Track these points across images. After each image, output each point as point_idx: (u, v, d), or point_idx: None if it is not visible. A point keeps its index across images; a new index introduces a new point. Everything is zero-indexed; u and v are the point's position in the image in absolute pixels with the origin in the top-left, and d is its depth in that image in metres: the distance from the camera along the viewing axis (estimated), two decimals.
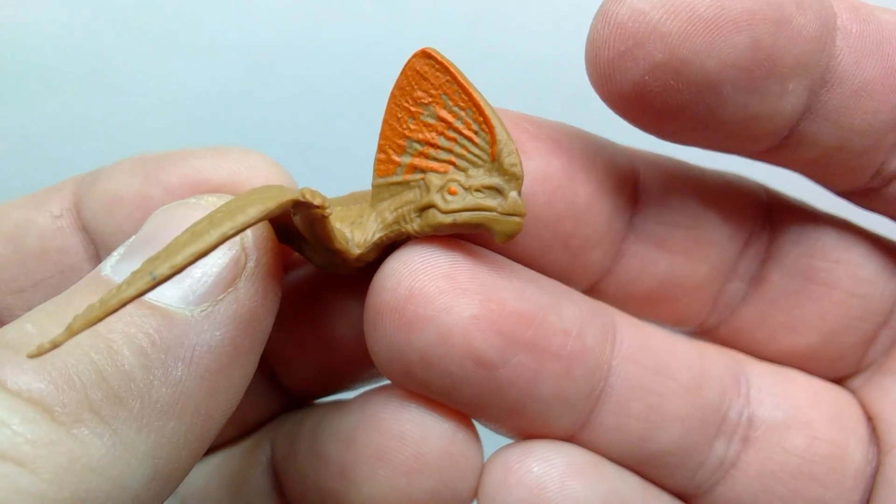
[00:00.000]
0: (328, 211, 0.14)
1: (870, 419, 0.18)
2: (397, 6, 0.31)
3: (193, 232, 0.12)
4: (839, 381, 0.19)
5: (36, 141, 0.31)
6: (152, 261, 0.12)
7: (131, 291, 0.11)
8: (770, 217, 0.18)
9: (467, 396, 0.15)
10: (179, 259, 0.11)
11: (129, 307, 0.13)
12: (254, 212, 0.12)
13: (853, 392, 0.19)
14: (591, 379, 0.16)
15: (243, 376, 0.14)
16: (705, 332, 0.19)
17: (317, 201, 0.14)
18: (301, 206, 0.14)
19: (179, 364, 0.13)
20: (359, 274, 0.17)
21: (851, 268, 0.18)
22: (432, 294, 0.15)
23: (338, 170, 0.18)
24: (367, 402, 0.17)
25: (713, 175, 0.18)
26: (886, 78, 0.15)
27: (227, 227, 0.12)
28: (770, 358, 0.19)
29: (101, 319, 0.11)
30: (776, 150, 0.16)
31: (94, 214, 0.17)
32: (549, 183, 0.16)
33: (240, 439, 0.20)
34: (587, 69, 0.15)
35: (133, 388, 0.13)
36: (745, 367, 0.18)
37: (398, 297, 0.15)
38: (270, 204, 0.13)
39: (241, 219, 0.12)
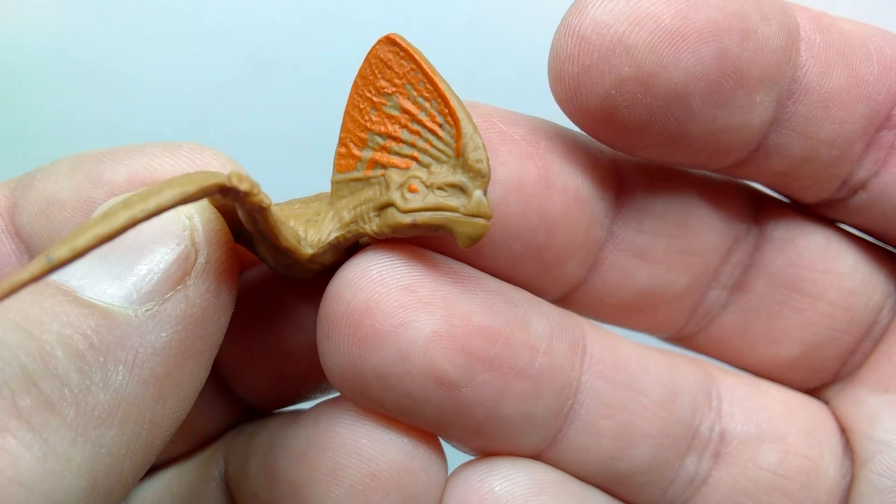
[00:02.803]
0: (259, 197, 0.13)
1: (843, 431, 0.18)
2: (398, 8, 0.31)
3: (105, 214, 0.11)
4: (812, 391, 0.18)
5: (36, 141, 0.31)
6: (57, 244, 0.11)
7: (24, 275, 0.10)
8: (756, 220, 0.18)
9: (428, 417, 0.15)
10: (81, 242, 0.10)
11: (66, 305, 0.12)
12: (170, 195, 0.11)
13: (826, 402, 0.18)
14: (559, 397, 0.15)
15: (193, 381, 0.13)
16: (681, 340, 0.18)
17: (244, 186, 0.12)
18: (230, 193, 0.13)
19: (120, 368, 0.12)
20: (317, 278, 0.15)
21: (838, 278, 0.17)
22: (391, 307, 0.14)
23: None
24: (321, 416, 0.16)
25: (698, 176, 0.17)
26: (852, 87, 0.15)
27: (137, 210, 0.11)
28: (747, 368, 0.18)
29: None
30: (744, 164, 0.16)
31: (31, 219, 0.15)
32: (522, 192, 0.15)
33: (192, 454, 0.19)
34: (551, 85, 0.14)
35: (67, 394, 0.12)
36: (716, 380, 0.17)
37: (353, 310, 0.14)
38: (190, 188, 0.11)
39: (154, 202, 0.11)
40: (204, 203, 0.14)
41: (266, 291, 0.17)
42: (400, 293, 0.14)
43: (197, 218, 0.14)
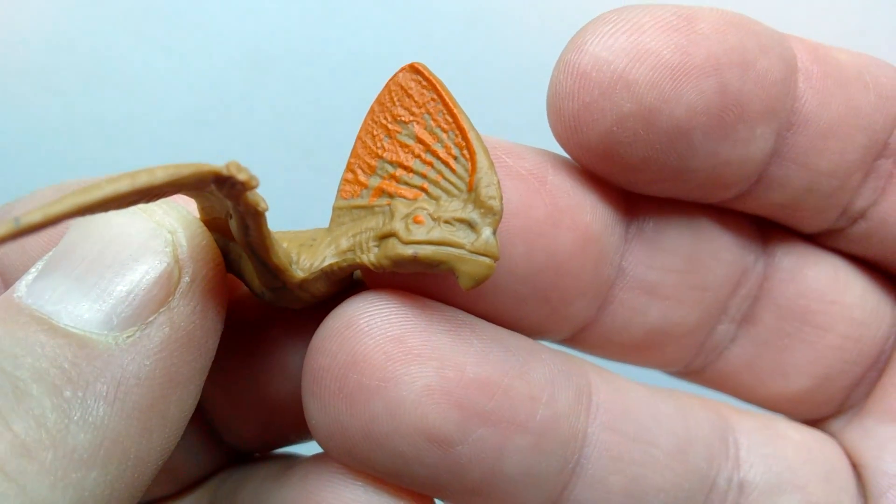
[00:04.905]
0: (256, 197, 0.12)
1: (854, 467, 0.17)
2: (397, 8, 0.30)
3: (86, 188, 0.10)
4: (817, 422, 0.18)
5: (36, 141, 0.31)
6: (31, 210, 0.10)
7: None
8: (764, 249, 0.17)
9: (421, 478, 0.14)
10: (56, 208, 0.10)
11: (40, 336, 0.11)
12: (162, 174, 0.10)
13: (833, 435, 0.18)
14: (564, 451, 0.14)
15: (181, 411, 0.13)
16: (689, 374, 0.18)
17: (241, 176, 0.11)
18: (226, 185, 0.12)
19: (101, 402, 0.11)
20: (305, 313, 0.15)
21: (847, 309, 0.17)
22: (379, 361, 0.13)
23: (337, 174, 0.17)
24: (308, 476, 0.15)
25: (706, 208, 0.16)
26: (850, 117, 0.15)
27: (123, 184, 0.10)
28: (756, 402, 0.18)
29: None
30: (744, 197, 0.16)
31: (7, 248, 0.14)
32: (529, 231, 0.14)
33: (177, 496, 0.18)
34: (550, 122, 0.14)
35: (44, 437, 0.11)
36: (732, 424, 0.17)
37: (339, 363, 0.13)
38: (184, 170, 0.11)
39: (144, 178, 0.10)
40: (189, 217, 0.13)
41: (253, 338, 0.16)
42: (388, 344, 0.13)
43: (181, 232, 0.13)
